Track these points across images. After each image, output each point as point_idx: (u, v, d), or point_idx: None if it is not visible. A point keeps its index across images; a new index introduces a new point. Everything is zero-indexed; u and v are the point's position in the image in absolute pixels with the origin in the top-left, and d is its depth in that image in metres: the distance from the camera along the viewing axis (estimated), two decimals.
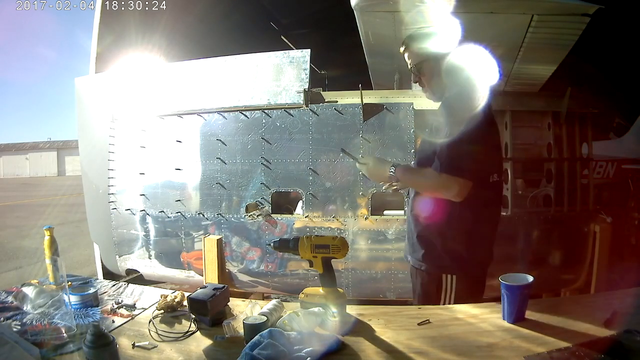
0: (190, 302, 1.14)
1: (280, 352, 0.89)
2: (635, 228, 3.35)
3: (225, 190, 2.52)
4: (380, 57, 2.56)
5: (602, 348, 0.89)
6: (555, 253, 2.38)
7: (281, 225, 2.47)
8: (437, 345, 0.97)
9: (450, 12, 1.67)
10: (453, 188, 1.27)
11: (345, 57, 3.90)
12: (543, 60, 2.18)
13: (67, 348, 0.99)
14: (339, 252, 1.18)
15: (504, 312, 1.08)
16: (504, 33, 1.95)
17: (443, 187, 1.30)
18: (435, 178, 1.31)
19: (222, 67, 2.52)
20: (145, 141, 2.67)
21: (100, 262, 2.95)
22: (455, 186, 1.27)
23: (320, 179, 2.39)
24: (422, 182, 1.40)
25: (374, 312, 1.18)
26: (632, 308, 1.09)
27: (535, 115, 2.52)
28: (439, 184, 1.31)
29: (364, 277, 2.38)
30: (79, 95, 2.91)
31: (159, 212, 2.65)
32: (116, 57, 3.09)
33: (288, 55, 2.42)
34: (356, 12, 1.96)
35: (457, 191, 1.27)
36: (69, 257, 4.52)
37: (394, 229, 2.33)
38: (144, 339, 1.05)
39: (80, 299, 1.25)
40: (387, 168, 1.42)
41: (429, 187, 1.37)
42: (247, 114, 2.47)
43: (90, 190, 2.95)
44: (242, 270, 2.54)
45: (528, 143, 2.59)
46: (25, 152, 28.32)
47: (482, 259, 1.41)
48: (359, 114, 2.35)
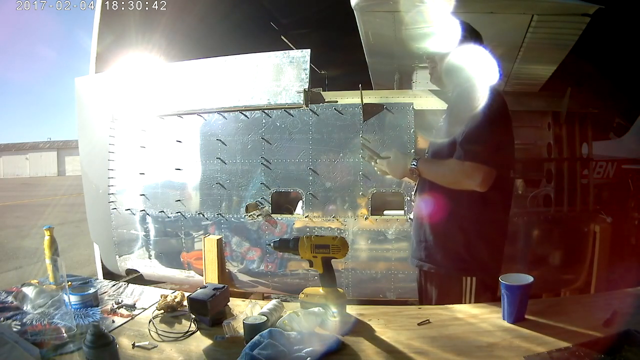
0: (190, 302, 1.14)
1: (280, 352, 0.89)
2: (635, 228, 3.35)
3: (225, 190, 2.51)
4: (380, 57, 2.56)
5: (602, 348, 0.89)
6: (555, 253, 2.38)
7: (281, 225, 2.47)
8: (437, 345, 0.97)
9: (450, 12, 1.67)
10: (477, 176, 1.25)
11: (345, 57, 3.90)
12: (543, 60, 2.18)
13: (67, 348, 0.99)
14: (339, 252, 1.18)
15: (504, 312, 1.08)
16: (504, 33, 1.94)
17: (467, 176, 1.27)
18: (459, 166, 1.29)
19: (222, 67, 2.52)
20: (145, 141, 2.67)
21: (100, 262, 2.94)
22: (480, 174, 1.25)
23: (320, 179, 2.39)
24: (445, 172, 1.35)
25: (374, 312, 1.18)
26: (632, 308, 1.09)
27: (535, 115, 2.51)
28: (462, 173, 1.28)
29: (364, 277, 2.38)
30: (79, 95, 2.91)
31: (159, 212, 2.65)
32: (116, 57, 3.09)
33: (288, 55, 2.42)
34: (356, 12, 1.96)
35: (481, 179, 1.25)
36: (69, 257, 4.52)
37: (394, 229, 2.33)
38: (144, 339, 1.05)
39: (80, 299, 1.25)
40: (409, 162, 1.40)
41: (452, 177, 1.33)
42: (247, 114, 2.47)
43: (90, 190, 2.95)
44: (242, 270, 2.54)
45: (528, 143, 2.59)
46: (25, 152, 28.31)
47: (499, 258, 1.40)
48: (359, 114, 2.35)
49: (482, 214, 1.33)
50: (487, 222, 1.35)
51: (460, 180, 1.31)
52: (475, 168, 1.26)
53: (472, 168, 1.26)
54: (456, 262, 1.37)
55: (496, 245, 1.39)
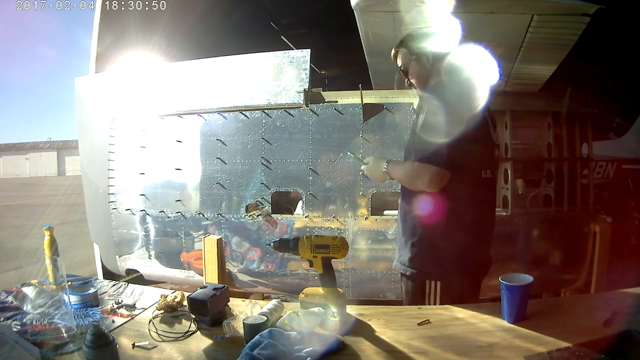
0: (190, 302, 1.14)
1: (280, 352, 0.89)
2: (635, 228, 3.35)
3: (225, 190, 2.52)
4: (380, 57, 2.55)
5: (602, 348, 0.89)
6: (555, 253, 2.38)
7: (281, 225, 2.47)
8: (437, 345, 0.97)
9: (450, 12, 1.67)
10: (425, 176, 1.25)
11: (345, 57, 3.89)
12: (543, 60, 2.18)
13: (67, 348, 0.99)
14: (339, 252, 1.18)
15: (504, 312, 1.08)
16: (504, 33, 1.94)
17: (416, 176, 1.29)
18: (410, 167, 1.31)
19: (222, 67, 2.52)
20: (145, 141, 2.67)
21: (100, 262, 2.95)
22: (427, 174, 1.24)
23: (320, 179, 2.39)
24: (402, 173, 1.38)
25: (374, 312, 1.18)
26: (632, 308, 1.09)
27: (535, 115, 2.52)
28: (412, 173, 1.30)
29: (364, 277, 2.38)
30: (79, 95, 2.91)
31: (159, 212, 2.65)
32: (116, 57, 3.08)
33: (288, 55, 2.42)
34: (356, 12, 1.96)
35: (428, 179, 1.24)
36: (69, 257, 4.53)
37: (394, 229, 2.32)
38: (144, 339, 1.05)
39: (80, 299, 1.25)
40: (382, 165, 1.42)
41: (408, 179, 1.36)
42: (247, 114, 2.47)
43: (90, 190, 2.95)
44: (242, 270, 2.54)
45: (528, 143, 2.59)
46: (25, 152, 28.33)
47: (473, 263, 1.36)
48: (359, 114, 2.35)
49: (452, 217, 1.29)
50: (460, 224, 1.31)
51: (413, 182, 1.33)
52: (423, 168, 1.26)
53: (420, 168, 1.26)
54: (421, 264, 1.36)
55: (470, 250, 1.33)
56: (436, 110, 1.26)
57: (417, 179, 1.28)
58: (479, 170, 1.33)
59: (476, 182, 1.33)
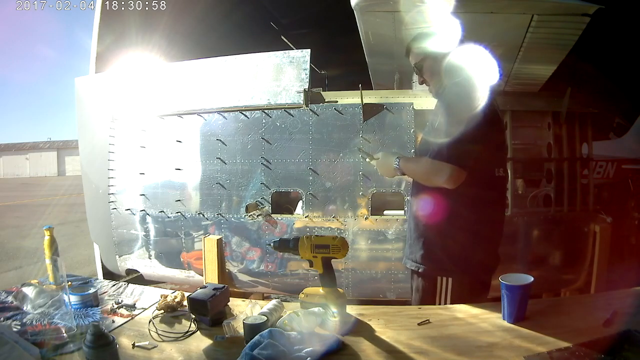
0: (190, 302, 1.14)
1: (280, 352, 0.89)
2: (635, 228, 3.34)
3: (225, 190, 2.51)
4: (380, 57, 2.55)
5: (602, 348, 0.89)
6: (555, 253, 2.38)
7: (281, 225, 2.47)
8: (437, 345, 0.97)
9: (450, 12, 1.67)
10: (443, 173, 1.26)
11: (345, 57, 3.90)
12: (543, 60, 2.18)
13: (67, 348, 0.99)
14: (339, 252, 1.18)
15: (504, 312, 1.08)
16: (504, 33, 1.94)
17: (433, 173, 1.30)
18: (427, 164, 1.31)
19: (222, 67, 2.52)
20: (145, 141, 2.67)
21: (100, 262, 2.95)
22: (446, 170, 1.26)
23: (320, 179, 2.39)
24: (417, 169, 1.40)
25: (374, 312, 1.18)
26: (632, 308, 1.09)
27: (535, 115, 2.52)
28: (430, 170, 1.31)
29: (364, 277, 2.38)
30: (79, 95, 2.91)
31: (159, 212, 2.65)
32: (116, 57, 3.09)
33: (288, 55, 2.42)
34: (356, 12, 1.96)
35: (447, 176, 1.26)
36: (69, 257, 4.53)
37: (394, 229, 2.33)
38: (144, 339, 1.05)
39: (80, 299, 1.25)
40: (393, 161, 1.43)
41: (424, 175, 1.37)
42: (247, 114, 2.47)
43: (90, 190, 2.95)
44: (242, 270, 2.54)
45: (528, 143, 2.59)
46: (25, 152, 28.33)
47: (484, 261, 1.37)
48: (359, 114, 2.35)
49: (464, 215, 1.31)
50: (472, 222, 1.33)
51: (430, 178, 1.34)
52: (441, 165, 1.27)
53: (439, 165, 1.27)
54: (433, 261, 1.37)
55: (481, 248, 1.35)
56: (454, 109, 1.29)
57: (435, 175, 1.29)
58: (492, 169, 1.36)
59: (490, 181, 1.35)
